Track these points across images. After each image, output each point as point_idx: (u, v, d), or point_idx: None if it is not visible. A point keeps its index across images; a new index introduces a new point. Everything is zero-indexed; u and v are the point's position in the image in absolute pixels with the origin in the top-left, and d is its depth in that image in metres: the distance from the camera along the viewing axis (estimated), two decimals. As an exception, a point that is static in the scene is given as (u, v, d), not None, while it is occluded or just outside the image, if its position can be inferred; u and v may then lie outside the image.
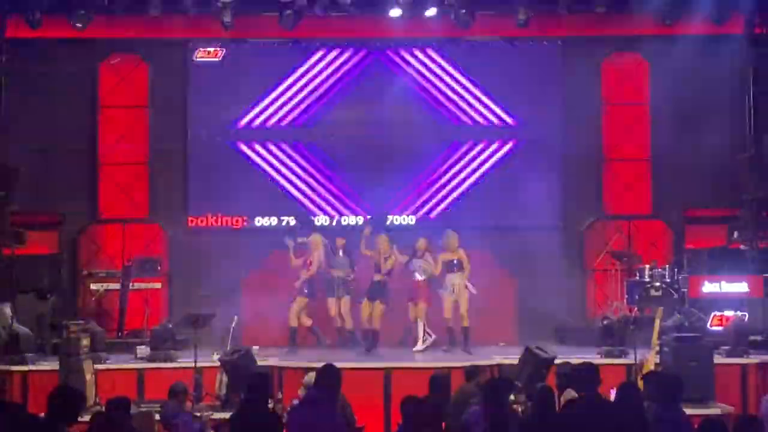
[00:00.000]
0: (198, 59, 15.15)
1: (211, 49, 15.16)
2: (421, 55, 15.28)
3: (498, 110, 15.25)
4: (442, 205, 15.17)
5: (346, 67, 15.26)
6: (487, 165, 15.21)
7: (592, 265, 15.01)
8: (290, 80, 15.18)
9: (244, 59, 15.17)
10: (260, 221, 14.98)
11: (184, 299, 14.32)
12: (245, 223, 15.01)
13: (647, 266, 13.61)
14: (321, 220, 14.99)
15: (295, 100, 15.19)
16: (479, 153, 15.24)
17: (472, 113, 15.27)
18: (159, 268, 14.05)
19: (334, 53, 15.24)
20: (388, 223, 14.70)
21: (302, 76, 15.19)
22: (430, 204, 15.16)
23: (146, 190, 15.24)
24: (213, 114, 15.10)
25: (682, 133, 14.97)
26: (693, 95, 14.90)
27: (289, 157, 15.21)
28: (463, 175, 15.20)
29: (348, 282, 13.10)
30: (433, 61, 15.28)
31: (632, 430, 7.35)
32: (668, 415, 7.46)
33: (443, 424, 8.14)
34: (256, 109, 15.17)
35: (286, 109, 15.20)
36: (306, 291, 13.10)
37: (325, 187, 15.18)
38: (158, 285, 14.15)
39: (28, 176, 14.17)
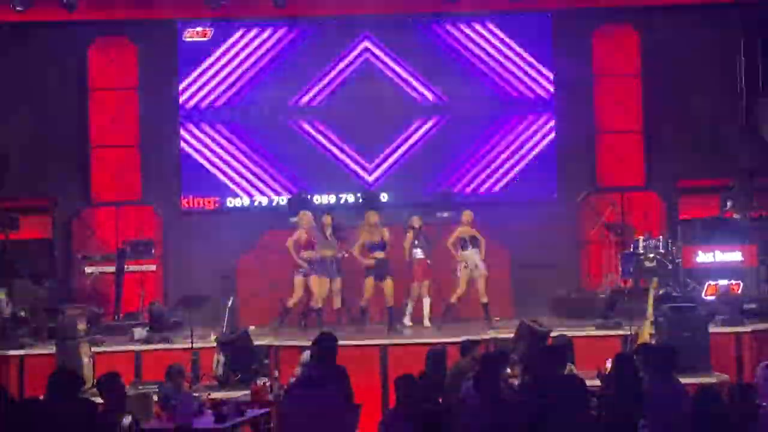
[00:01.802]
0: (186, 39, 15.08)
1: (200, 29, 15.09)
2: (410, 31, 15.24)
3: (488, 85, 15.22)
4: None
5: (335, 46, 15.20)
6: (474, 138, 15.20)
7: (587, 237, 15.03)
8: (282, 58, 15.13)
9: (234, 39, 15.12)
10: (257, 200, 14.99)
11: (178, 281, 14.35)
12: (239, 203, 15.02)
13: (641, 238, 13.60)
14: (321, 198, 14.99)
15: (286, 78, 15.12)
16: (470, 129, 15.21)
17: (462, 89, 15.23)
18: (153, 250, 14.03)
19: (325, 33, 15.18)
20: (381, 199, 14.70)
21: (291, 54, 15.13)
22: (421, 180, 15.18)
23: (138, 173, 15.20)
24: (205, 93, 15.05)
25: (674, 103, 14.97)
26: (684, 65, 14.89)
27: (280, 137, 15.17)
28: (456, 150, 15.20)
29: (339, 261, 13.01)
30: (422, 36, 15.23)
31: (627, 401, 7.40)
32: (663, 385, 7.51)
33: (440, 399, 8.20)
34: (249, 90, 15.13)
35: (277, 89, 15.15)
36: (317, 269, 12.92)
37: (319, 166, 15.17)
38: (153, 267, 14.14)
39: (19, 161, 14.12)
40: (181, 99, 15.03)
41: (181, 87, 15.03)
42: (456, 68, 15.23)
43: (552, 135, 15.21)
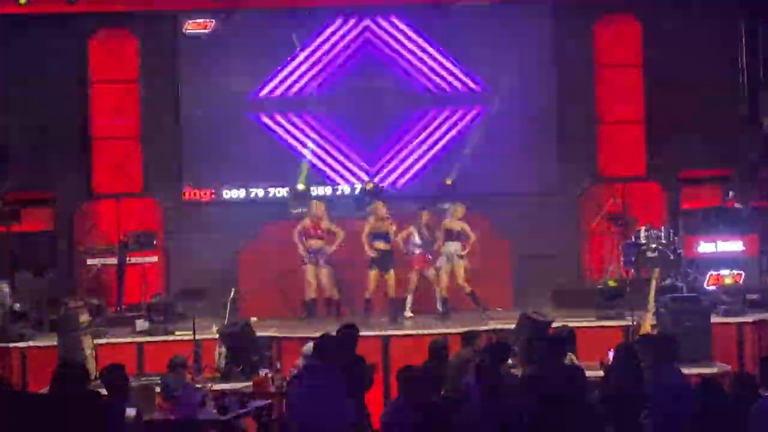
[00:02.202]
0: (188, 31, 15.06)
1: (201, 21, 15.07)
2: (404, 23, 15.21)
3: (489, 75, 15.18)
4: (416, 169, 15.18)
5: (334, 37, 15.17)
6: (475, 130, 15.19)
7: (588, 228, 15.02)
8: (282, 49, 15.10)
9: (234, 30, 15.07)
10: (279, 192, 14.96)
11: (180, 272, 14.37)
12: (243, 195, 15.01)
13: (643, 228, 13.59)
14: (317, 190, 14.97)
15: (286, 71, 15.12)
16: (472, 119, 15.21)
17: (465, 79, 15.23)
18: (155, 242, 14.04)
19: (327, 23, 15.16)
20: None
21: (291, 44, 15.11)
22: (422, 171, 15.18)
23: (139, 165, 15.20)
24: (204, 86, 15.02)
25: (676, 93, 14.94)
26: (686, 55, 14.87)
27: (281, 126, 15.17)
28: (457, 141, 15.19)
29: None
30: (419, 28, 15.20)
31: (629, 392, 7.41)
32: (665, 375, 7.52)
33: (442, 390, 8.22)
34: (249, 82, 15.10)
35: (277, 80, 15.14)
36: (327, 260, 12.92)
37: (319, 158, 15.16)
38: (155, 259, 14.14)
39: (20, 154, 14.12)
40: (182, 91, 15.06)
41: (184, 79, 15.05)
42: (455, 59, 15.19)
43: (553, 126, 15.19)
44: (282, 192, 14.97)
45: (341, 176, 15.15)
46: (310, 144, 15.07)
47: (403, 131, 15.16)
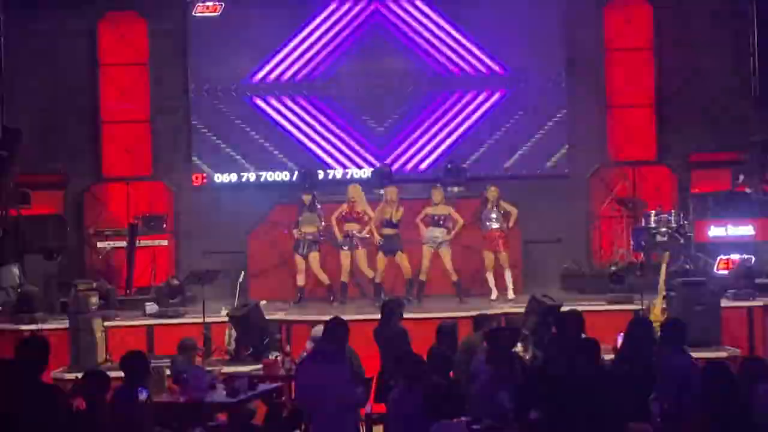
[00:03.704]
0: (197, 14, 15.04)
1: (210, 4, 15.05)
2: (419, 5, 15.16)
3: (499, 58, 15.13)
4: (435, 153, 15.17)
5: (346, 19, 15.13)
6: (485, 113, 15.13)
7: (598, 212, 14.99)
8: (290, 33, 15.07)
9: (243, 13, 15.04)
10: (272, 176, 14.95)
11: (190, 256, 14.40)
12: (251, 179, 15.01)
13: (653, 212, 13.57)
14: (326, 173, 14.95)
15: (296, 53, 15.07)
16: (482, 102, 15.16)
17: (474, 62, 15.18)
18: (165, 225, 14.07)
19: (333, 5, 15.12)
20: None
21: (301, 29, 15.07)
22: (431, 154, 15.16)
23: (149, 148, 15.21)
24: (214, 69, 15.00)
25: (687, 76, 14.87)
26: (697, 38, 14.79)
27: (291, 110, 15.14)
28: (467, 124, 15.15)
29: (318, 239, 12.90)
30: (428, 10, 15.13)
31: (638, 375, 7.42)
32: (674, 358, 7.52)
33: (450, 373, 8.23)
34: (258, 64, 15.07)
35: (287, 62, 15.10)
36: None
37: (328, 141, 15.15)
38: (165, 242, 14.18)
39: (30, 136, 14.15)
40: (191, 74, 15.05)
41: (193, 62, 15.03)
42: (463, 40, 15.13)
43: (563, 109, 15.14)
44: (289, 175, 14.93)
45: (350, 159, 15.12)
46: (319, 127, 15.06)
47: (413, 113, 15.10)
